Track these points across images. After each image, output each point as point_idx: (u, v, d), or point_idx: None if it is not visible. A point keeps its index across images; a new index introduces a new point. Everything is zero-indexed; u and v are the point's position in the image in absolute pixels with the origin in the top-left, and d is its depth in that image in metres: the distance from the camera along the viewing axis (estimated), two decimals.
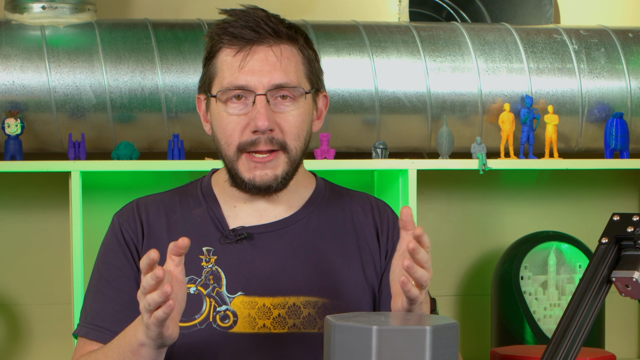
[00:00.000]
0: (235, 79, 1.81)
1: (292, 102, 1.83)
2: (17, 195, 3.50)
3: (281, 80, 1.82)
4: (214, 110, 1.86)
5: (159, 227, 1.89)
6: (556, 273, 3.55)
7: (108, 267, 1.89)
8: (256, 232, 1.87)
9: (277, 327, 1.83)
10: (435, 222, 3.76)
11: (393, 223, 1.96)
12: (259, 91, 1.81)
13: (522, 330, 3.47)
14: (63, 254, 3.40)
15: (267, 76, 1.81)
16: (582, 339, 1.48)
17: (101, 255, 1.93)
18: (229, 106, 1.83)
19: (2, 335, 3.52)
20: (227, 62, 1.83)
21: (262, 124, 1.79)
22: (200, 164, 3.19)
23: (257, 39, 1.82)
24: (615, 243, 1.54)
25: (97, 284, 1.90)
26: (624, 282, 1.51)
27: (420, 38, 3.49)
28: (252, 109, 1.81)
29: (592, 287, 1.52)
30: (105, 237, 1.94)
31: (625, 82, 3.56)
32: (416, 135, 3.50)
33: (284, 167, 1.84)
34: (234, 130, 1.83)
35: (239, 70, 1.81)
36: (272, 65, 1.82)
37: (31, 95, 3.22)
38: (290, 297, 1.84)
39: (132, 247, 1.89)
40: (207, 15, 3.50)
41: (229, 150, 1.84)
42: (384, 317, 1.47)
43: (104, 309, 1.87)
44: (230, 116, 1.83)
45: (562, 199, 3.85)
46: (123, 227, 1.90)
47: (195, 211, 1.90)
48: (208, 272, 1.85)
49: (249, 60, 1.81)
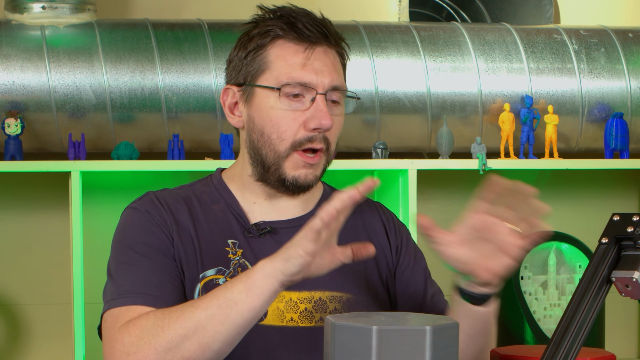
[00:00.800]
0: (300, 76, 1.81)
1: (339, 106, 1.86)
2: (17, 195, 3.50)
3: (338, 83, 1.84)
4: (263, 104, 1.83)
5: (183, 218, 1.85)
6: (556, 273, 3.55)
7: (142, 246, 1.78)
8: (278, 227, 1.87)
9: (305, 321, 1.83)
10: (435, 222, 3.76)
11: (396, 220, 1.99)
12: (320, 90, 1.81)
13: (522, 330, 3.47)
14: (63, 254, 3.40)
15: (328, 77, 1.82)
16: (582, 339, 1.48)
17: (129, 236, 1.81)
18: (286, 102, 1.82)
19: (2, 335, 3.52)
20: (288, 58, 1.82)
21: (326, 122, 1.80)
22: (200, 164, 3.19)
23: (321, 40, 1.83)
24: (615, 243, 1.54)
25: (131, 260, 1.77)
26: (624, 282, 1.51)
27: (420, 38, 3.49)
28: (311, 107, 1.81)
29: (592, 287, 1.52)
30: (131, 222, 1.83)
31: (625, 82, 3.56)
32: (416, 135, 3.50)
33: (322, 167, 1.87)
34: (290, 127, 1.81)
35: (302, 67, 1.81)
36: (332, 67, 1.83)
37: (31, 95, 3.22)
38: (316, 292, 1.84)
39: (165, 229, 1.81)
40: (207, 15, 3.50)
41: (281, 145, 1.82)
42: (384, 317, 1.47)
43: (149, 278, 1.75)
44: (286, 111, 1.81)
45: (562, 199, 3.85)
46: (150, 213, 1.83)
47: (214, 206, 1.89)
48: (236, 264, 1.84)
49: (313, 59, 1.82)
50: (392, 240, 1.95)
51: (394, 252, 1.95)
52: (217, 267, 1.82)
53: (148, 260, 1.76)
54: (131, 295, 1.72)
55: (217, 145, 3.33)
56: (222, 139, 3.26)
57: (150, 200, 1.87)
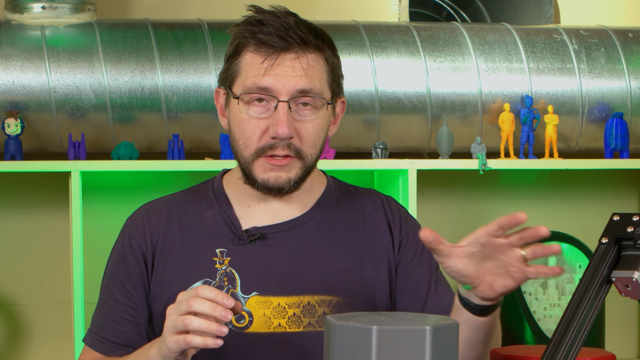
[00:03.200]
0: (259, 81, 1.81)
1: (313, 110, 1.84)
2: (17, 195, 3.50)
3: (306, 86, 1.82)
4: (234, 109, 1.86)
5: (171, 231, 1.90)
6: None
7: (112, 276, 1.92)
8: (269, 232, 1.88)
9: (293, 326, 1.83)
10: (435, 222, 3.76)
11: (404, 215, 1.97)
12: (282, 97, 1.81)
13: (522, 330, 3.47)
14: (63, 254, 3.40)
15: (291, 82, 1.81)
16: (582, 339, 1.48)
17: (109, 263, 1.95)
18: (251, 108, 1.83)
19: (2, 335, 3.52)
20: (253, 64, 1.83)
21: (282, 131, 1.80)
22: (200, 164, 3.19)
23: (285, 47, 1.82)
24: (615, 243, 1.54)
25: (102, 292, 1.94)
26: (624, 282, 1.51)
27: (420, 38, 3.49)
28: (273, 114, 1.81)
29: (592, 287, 1.51)
30: (115, 243, 1.96)
31: (625, 82, 3.56)
32: (416, 135, 3.50)
33: (298, 171, 1.85)
34: (253, 133, 1.83)
35: (263, 75, 1.81)
36: (298, 73, 1.81)
37: (31, 95, 3.22)
38: (305, 296, 1.84)
39: (139, 256, 1.90)
40: (207, 15, 3.50)
41: (246, 152, 1.84)
42: (384, 317, 1.47)
43: (105, 319, 1.90)
44: (251, 118, 1.83)
45: (562, 199, 3.85)
46: (132, 236, 1.91)
47: (207, 212, 1.91)
48: (222, 274, 1.85)
49: (275, 66, 1.81)
50: (396, 236, 1.94)
51: (396, 248, 1.94)
52: (203, 279, 1.86)
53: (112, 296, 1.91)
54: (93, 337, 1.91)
55: (217, 145, 3.33)
56: (222, 139, 3.26)
57: (140, 217, 1.94)
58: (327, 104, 1.86)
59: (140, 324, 1.88)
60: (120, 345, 1.88)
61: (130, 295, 1.89)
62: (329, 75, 1.87)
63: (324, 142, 1.88)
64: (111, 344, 1.88)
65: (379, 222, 1.95)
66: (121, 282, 1.90)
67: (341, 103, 1.93)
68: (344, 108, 1.94)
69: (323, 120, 1.86)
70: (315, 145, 1.85)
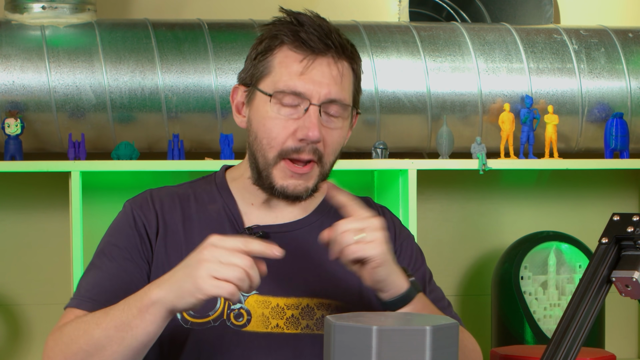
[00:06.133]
0: (295, 85, 1.79)
1: (339, 119, 1.83)
2: (17, 195, 3.50)
3: (337, 96, 1.81)
4: (260, 107, 1.83)
5: (174, 219, 1.87)
6: (556, 273, 3.55)
7: (112, 248, 1.84)
8: (271, 232, 1.87)
9: (290, 328, 1.83)
10: (435, 222, 3.76)
11: (398, 226, 1.97)
12: (314, 101, 1.79)
13: (522, 330, 3.47)
14: (63, 254, 3.40)
15: (325, 88, 1.79)
16: (582, 339, 1.48)
17: (107, 237, 1.88)
18: (281, 108, 1.80)
19: (2, 335, 3.52)
20: (288, 64, 1.80)
21: (313, 134, 1.78)
22: (200, 164, 3.19)
23: (324, 51, 1.80)
24: (615, 243, 1.54)
25: (97, 262, 1.84)
26: (624, 282, 1.51)
27: (420, 38, 3.49)
28: (303, 117, 1.79)
29: (592, 287, 1.52)
30: (114, 221, 1.90)
31: (625, 82, 3.56)
32: (416, 135, 3.50)
33: (316, 179, 1.84)
34: (279, 134, 1.80)
35: (299, 76, 1.79)
36: (332, 79, 1.80)
37: (31, 95, 3.22)
38: (304, 299, 1.84)
39: (143, 233, 1.85)
40: (207, 15, 3.50)
41: (270, 152, 1.81)
42: (384, 317, 1.47)
43: (101, 284, 1.80)
44: (278, 118, 1.80)
45: (562, 199, 3.85)
46: (136, 213, 1.86)
47: (210, 206, 1.89)
48: None
49: (311, 69, 1.79)
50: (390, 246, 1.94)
51: None
52: None
53: (110, 264, 1.81)
54: (80, 299, 1.79)
55: (217, 145, 3.33)
56: (222, 139, 3.26)
57: (144, 199, 1.90)
58: (352, 114, 1.86)
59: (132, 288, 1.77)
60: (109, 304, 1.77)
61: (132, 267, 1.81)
62: (354, 86, 1.86)
63: (340, 151, 1.88)
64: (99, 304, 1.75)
65: None
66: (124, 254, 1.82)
67: (356, 114, 1.93)
68: (356, 119, 1.94)
69: (345, 130, 1.86)
70: (334, 153, 1.85)
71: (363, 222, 1.68)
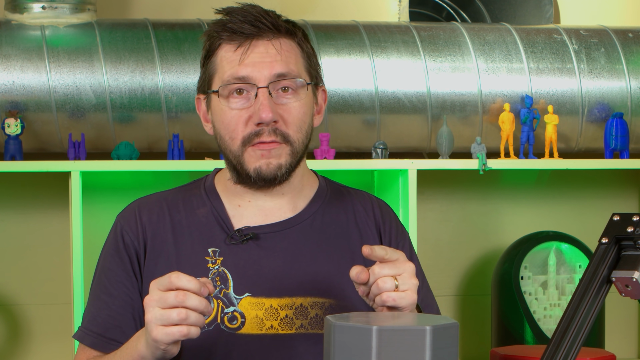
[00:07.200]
0: (236, 72, 1.81)
1: (293, 94, 1.83)
2: (17, 195, 3.50)
3: (282, 70, 1.82)
4: (216, 107, 1.86)
5: (163, 228, 1.88)
6: (556, 273, 3.55)
7: (105, 271, 1.89)
8: (261, 232, 1.87)
9: (285, 328, 1.83)
10: (435, 222, 3.76)
11: (395, 222, 1.96)
12: (261, 84, 1.81)
13: (522, 330, 3.47)
14: (63, 254, 3.40)
15: (267, 68, 1.81)
16: (582, 339, 1.48)
17: (101, 258, 1.93)
18: (231, 101, 1.83)
19: (2, 335, 3.52)
20: (227, 57, 1.83)
21: (265, 115, 1.79)
22: (200, 164, 3.19)
23: (257, 34, 1.82)
24: (615, 243, 1.54)
25: (95, 288, 1.91)
26: (624, 282, 1.51)
27: (420, 38, 3.49)
28: (254, 102, 1.81)
29: (592, 287, 1.52)
30: (107, 239, 1.94)
31: (625, 82, 3.56)
32: (416, 135, 3.50)
33: (287, 158, 1.83)
34: (237, 124, 1.82)
35: (239, 63, 1.81)
36: (273, 57, 1.82)
37: (31, 95, 3.22)
38: (298, 298, 1.84)
39: (132, 254, 1.88)
40: (207, 15, 3.50)
41: (234, 144, 1.83)
42: (384, 317, 1.47)
43: (99, 314, 1.87)
44: (232, 111, 1.83)
45: (562, 199, 3.85)
46: (124, 231, 1.89)
47: (199, 211, 1.90)
48: (215, 273, 1.84)
49: (249, 53, 1.82)
50: (385, 242, 1.93)
51: None
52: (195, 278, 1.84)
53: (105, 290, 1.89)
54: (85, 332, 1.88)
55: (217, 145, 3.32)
56: None
57: (132, 212, 1.92)
58: (307, 86, 1.85)
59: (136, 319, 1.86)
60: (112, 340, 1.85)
61: (127, 289, 1.87)
62: (305, 60, 1.87)
63: (309, 130, 1.87)
64: (104, 339, 1.85)
65: (368, 226, 1.94)
66: (116, 276, 1.88)
67: (322, 92, 1.92)
68: (325, 98, 1.93)
69: (305, 104, 1.85)
70: (300, 129, 1.84)
71: (399, 268, 1.67)
